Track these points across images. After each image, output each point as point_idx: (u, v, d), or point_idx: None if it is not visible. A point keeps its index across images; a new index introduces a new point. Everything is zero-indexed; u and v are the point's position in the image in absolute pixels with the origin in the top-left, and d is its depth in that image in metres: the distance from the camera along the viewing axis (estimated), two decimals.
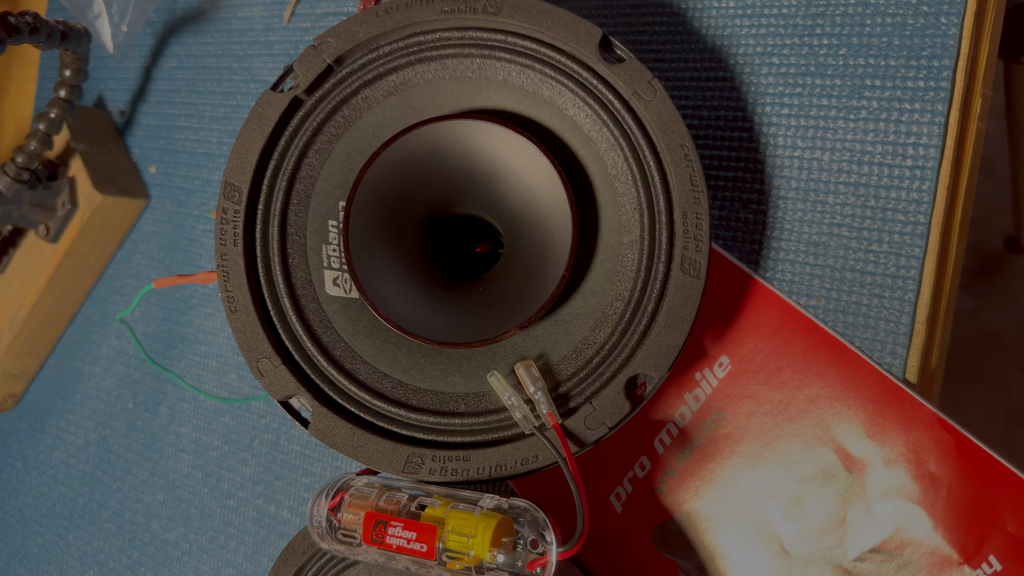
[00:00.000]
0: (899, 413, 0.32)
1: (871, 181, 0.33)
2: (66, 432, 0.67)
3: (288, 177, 0.33)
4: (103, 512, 0.64)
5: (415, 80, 0.33)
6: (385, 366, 0.33)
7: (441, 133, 0.33)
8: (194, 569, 0.57)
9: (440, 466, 0.31)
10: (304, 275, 0.33)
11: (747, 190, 0.36)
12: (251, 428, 0.54)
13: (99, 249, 0.62)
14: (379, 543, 0.30)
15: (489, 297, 0.33)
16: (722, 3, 0.37)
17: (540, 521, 0.29)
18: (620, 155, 0.32)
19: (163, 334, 0.59)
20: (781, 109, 0.35)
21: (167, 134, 0.60)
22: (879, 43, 0.33)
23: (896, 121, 0.33)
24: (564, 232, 0.32)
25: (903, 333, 0.33)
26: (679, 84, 0.38)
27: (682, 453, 0.37)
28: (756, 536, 0.35)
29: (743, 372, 0.35)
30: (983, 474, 0.31)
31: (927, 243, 0.32)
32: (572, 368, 0.32)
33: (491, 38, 0.33)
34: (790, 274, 0.35)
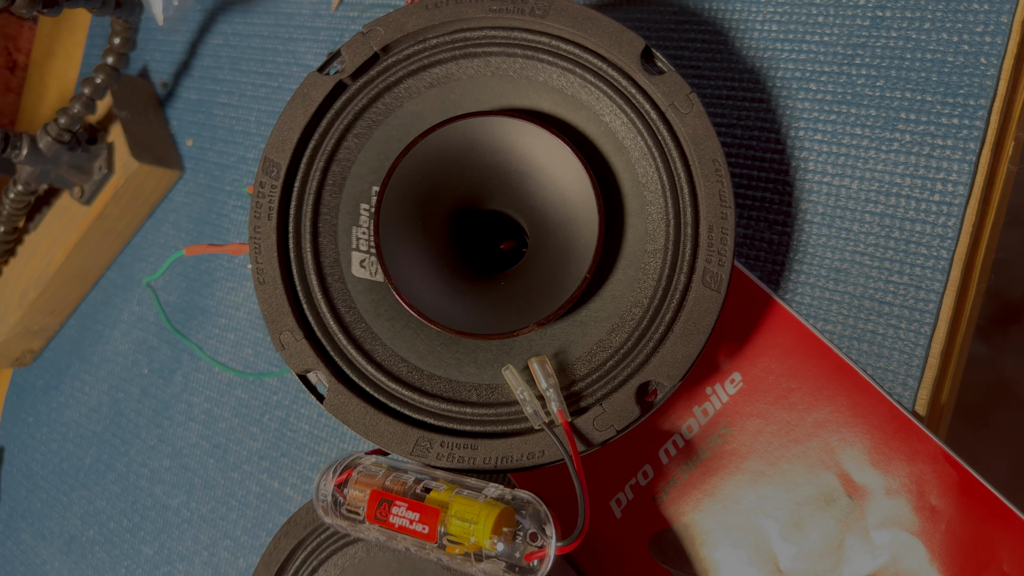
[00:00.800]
0: (905, 444, 0.32)
1: (897, 213, 0.34)
2: (80, 392, 0.68)
3: (326, 158, 0.34)
4: (109, 473, 0.65)
5: (457, 74, 0.34)
6: (403, 350, 0.34)
7: (478, 128, 0.33)
8: (192, 537, 0.58)
9: (448, 452, 0.32)
10: (332, 254, 0.34)
11: (774, 211, 0.36)
12: (262, 403, 0.55)
13: (130, 215, 0.63)
14: (382, 521, 0.31)
15: (510, 292, 0.34)
16: (765, 26, 0.37)
17: (542, 515, 0.29)
18: (652, 165, 0.33)
19: (185, 304, 0.60)
20: (814, 134, 0.36)
21: (207, 109, 0.62)
22: (917, 78, 0.34)
23: (927, 156, 0.33)
24: (590, 235, 0.32)
25: (916, 365, 0.33)
26: (715, 101, 0.38)
27: (686, 465, 0.37)
28: (752, 554, 0.35)
29: (754, 390, 0.36)
30: (984, 512, 0.31)
31: (947, 279, 0.33)
32: (585, 369, 0.33)
33: (535, 40, 0.33)
34: (809, 297, 0.35)
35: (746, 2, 0.38)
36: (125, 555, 0.62)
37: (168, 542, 0.59)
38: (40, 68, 0.78)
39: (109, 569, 0.63)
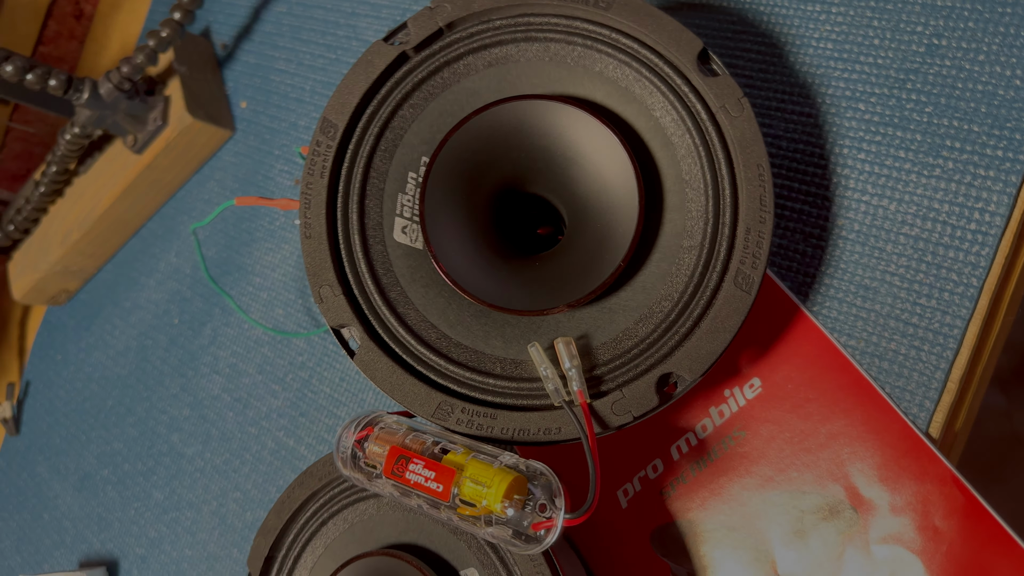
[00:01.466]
0: (915, 463, 0.33)
1: (932, 237, 0.34)
2: (109, 335, 0.70)
3: (381, 124, 0.35)
4: (128, 417, 0.66)
5: (516, 56, 0.35)
6: (434, 317, 0.35)
7: (530, 111, 0.34)
8: (204, 486, 0.59)
9: (468, 419, 0.33)
10: (377, 217, 0.35)
11: (810, 224, 0.37)
12: (287, 363, 0.56)
13: (178, 168, 0.65)
14: (399, 477, 0.32)
15: (544, 273, 0.35)
16: (820, 44, 0.38)
17: (554, 487, 0.30)
18: (697, 163, 0.33)
19: (222, 260, 0.62)
20: (858, 153, 0.36)
21: (263, 74, 0.63)
22: (966, 107, 0.34)
23: (968, 184, 0.34)
24: (628, 225, 0.33)
25: (935, 388, 0.33)
26: (765, 112, 0.39)
27: (696, 463, 0.38)
28: (752, 556, 0.35)
29: (772, 397, 0.36)
30: (987, 538, 0.31)
31: (975, 307, 0.33)
32: (609, 355, 0.33)
33: (596, 31, 0.34)
34: (836, 312, 0.36)
35: (804, 18, 0.39)
36: (136, 497, 0.64)
37: (179, 488, 0.61)
38: (105, 19, 0.80)
39: (119, 509, 0.65)
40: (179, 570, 0.59)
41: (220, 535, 0.57)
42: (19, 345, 0.80)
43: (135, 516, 0.63)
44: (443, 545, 0.35)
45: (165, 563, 0.60)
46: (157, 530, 0.61)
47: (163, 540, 0.61)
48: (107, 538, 0.65)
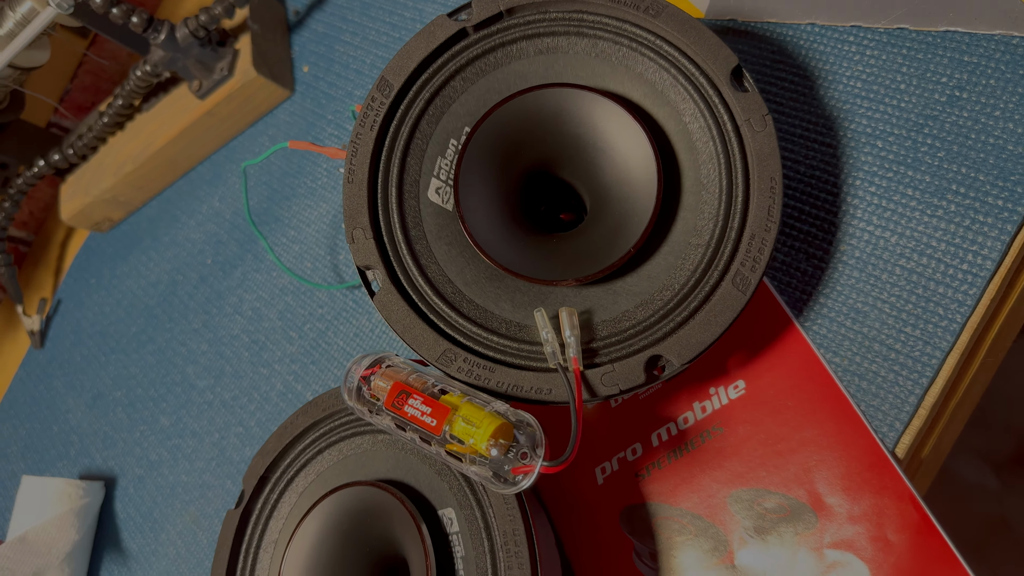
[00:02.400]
0: (877, 478, 0.35)
1: (925, 272, 0.36)
2: (144, 266, 0.74)
3: (433, 91, 0.38)
4: (149, 344, 0.70)
5: (566, 48, 0.38)
6: (452, 273, 0.37)
7: (570, 99, 0.37)
8: (209, 418, 0.62)
9: (468, 368, 0.35)
10: (415, 175, 0.38)
11: (815, 246, 0.39)
12: (307, 313, 0.59)
13: (235, 119, 0.68)
14: (398, 410, 0.34)
15: (559, 250, 0.38)
16: (850, 81, 0.41)
17: (537, 437, 0.33)
18: (716, 169, 0.36)
19: (262, 210, 0.65)
20: (869, 186, 0.39)
21: (329, 43, 0.67)
22: (975, 157, 0.36)
23: (966, 228, 0.36)
24: (643, 217, 0.36)
25: (907, 412, 0.35)
26: (788, 136, 0.41)
27: (673, 452, 0.40)
28: (712, 544, 0.38)
29: (753, 399, 0.39)
30: (934, 557, 0.33)
31: (955, 341, 0.35)
32: (607, 332, 0.36)
33: (643, 35, 0.37)
34: (825, 329, 0.38)
35: (839, 56, 0.41)
36: (143, 420, 0.67)
37: (185, 417, 0.64)
38: None
39: (126, 429, 0.68)
40: (173, 493, 0.62)
41: (217, 466, 0.60)
42: (57, 265, 0.84)
43: (139, 438, 0.66)
44: (426, 485, 0.38)
45: (160, 486, 0.63)
46: (158, 454, 0.64)
47: (162, 463, 0.64)
48: (109, 456, 0.68)
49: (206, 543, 0.58)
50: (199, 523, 0.59)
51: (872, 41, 0.41)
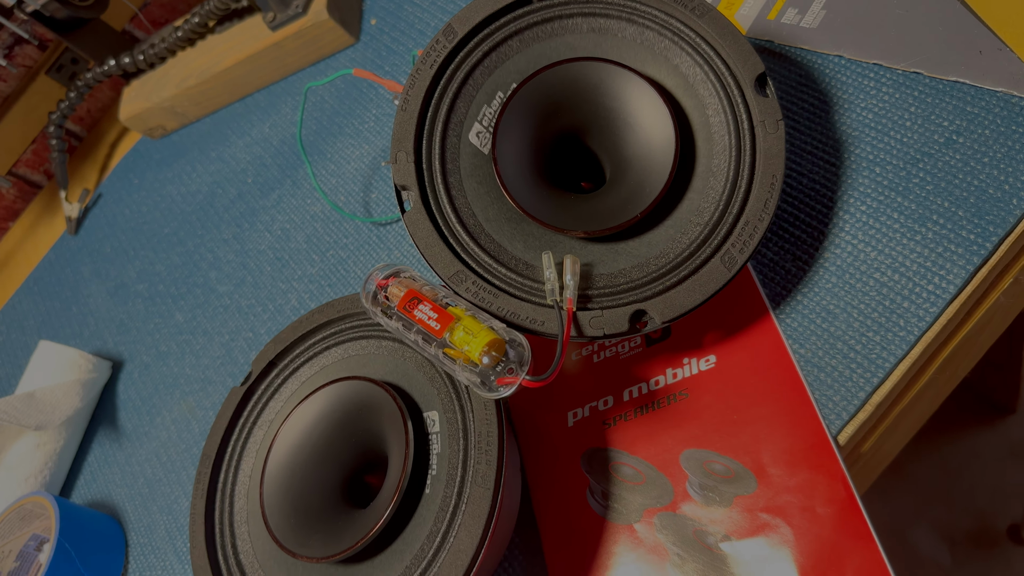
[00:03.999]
0: (816, 458, 0.39)
1: (895, 287, 0.40)
2: (187, 175, 0.78)
3: (491, 45, 0.43)
4: (178, 246, 0.74)
5: (615, 30, 0.43)
6: (477, 208, 0.42)
7: (610, 74, 0.41)
8: (222, 320, 0.66)
9: (475, 290, 0.39)
10: (460, 116, 0.43)
11: (801, 249, 0.43)
12: (332, 241, 0.63)
13: (300, 55, 0.73)
14: (408, 312, 0.39)
15: (575, 207, 0.42)
16: (863, 112, 0.45)
17: (525, 356, 0.37)
18: (727, 160, 0.40)
19: (307, 141, 0.70)
20: (860, 204, 0.43)
21: (399, 3, 0.71)
22: (959, 194, 0.41)
23: (939, 254, 0.40)
24: (654, 190, 0.40)
25: (854, 405, 0.39)
26: (797, 150, 0.46)
27: (641, 408, 0.44)
28: (659, 492, 0.42)
29: (720, 373, 0.43)
30: (852, 532, 0.37)
31: (909, 351, 0.39)
32: (602, 284, 0.40)
33: (685, 31, 0.41)
34: (796, 323, 0.42)
35: (857, 89, 0.45)
36: (159, 314, 0.71)
37: (200, 317, 0.68)
38: None
39: (141, 320, 0.72)
40: (175, 383, 0.66)
41: (221, 365, 0.64)
42: (104, 162, 0.89)
43: (152, 329, 0.71)
44: (417, 389, 0.42)
45: (165, 375, 0.67)
46: (168, 346, 0.69)
47: (170, 355, 0.68)
48: (121, 341, 0.73)
49: (198, 432, 0.63)
50: (194, 413, 0.64)
51: (889, 80, 0.45)
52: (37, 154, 0.91)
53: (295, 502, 0.42)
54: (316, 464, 0.43)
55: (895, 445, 0.45)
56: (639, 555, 0.41)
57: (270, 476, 0.42)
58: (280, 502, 0.42)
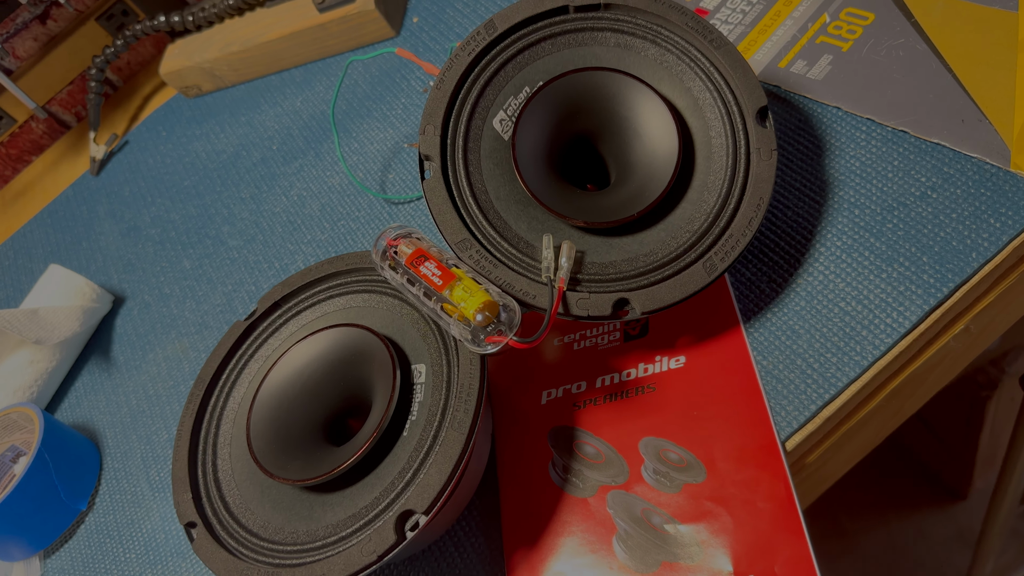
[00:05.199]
0: (764, 458, 0.42)
1: (856, 316, 0.44)
2: (214, 135, 0.82)
3: (525, 44, 0.47)
4: (196, 199, 0.77)
5: (638, 48, 0.47)
6: (490, 187, 0.45)
7: (627, 86, 0.46)
8: (228, 272, 0.69)
9: (477, 258, 0.43)
10: (488, 103, 0.47)
11: (777, 273, 0.47)
12: (345, 212, 0.67)
13: (342, 39, 0.77)
14: (414, 268, 0.42)
15: (579, 199, 0.46)
16: (851, 159, 0.49)
17: (516, 320, 0.40)
18: (722, 179, 0.44)
19: (338, 117, 0.73)
20: (836, 240, 0.47)
21: (442, 5, 0.76)
22: (925, 243, 0.45)
23: (900, 292, 0.44)
24: (652, 195, 0.44)
25: (804, 416, 0.43)
26: (786, 185, 0.50)
27: (610, 396, 0.47)
28: (616, 471, 0.45)
29: (687, 373, 0.46)
30: (786, 528, 0.41)
31: (860, 375, 0.43)
32: (593, 272, 0.44)
33: (701, 60, 0.46)
34: (763, 337, 0.46)
35: (849, 138, 0.50)
36: (167, 259, 0.74)
37: (206, 266, 0.71)
38: None
39: (148, 262, 0.75)
40: (172, 324, 0.69)
41: (221, 312, 0.67)
42: (135, 112, 0.93)
43: (158, 272, 0.74)
44: (409, 343, 0.45)
45: (163, 315, 0.70)
46: (171, 288, 0.72)
47: (172, 297, 0.71)
48: (125, 279, 0.75)
49: (188, 372, 0.65)
50: (187, 354, 0.66)
51: (878, 134, 0.49)
52: (72, 95, 0.95)
53: (279, 431, 0.45)
54: (304, 400, 0.46)
55: (837, 467, 0.49)
56: (589, 526, 0.44)
57: (259, 404, 0.45)
58: (264, 429, 0.45)
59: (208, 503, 0.44)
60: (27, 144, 0.96)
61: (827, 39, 0.54)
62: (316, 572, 0.39)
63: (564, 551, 0.44)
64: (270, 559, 0.41)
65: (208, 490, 0.45)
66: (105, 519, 0.61)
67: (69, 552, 0.61)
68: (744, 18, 0.59)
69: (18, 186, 0.96)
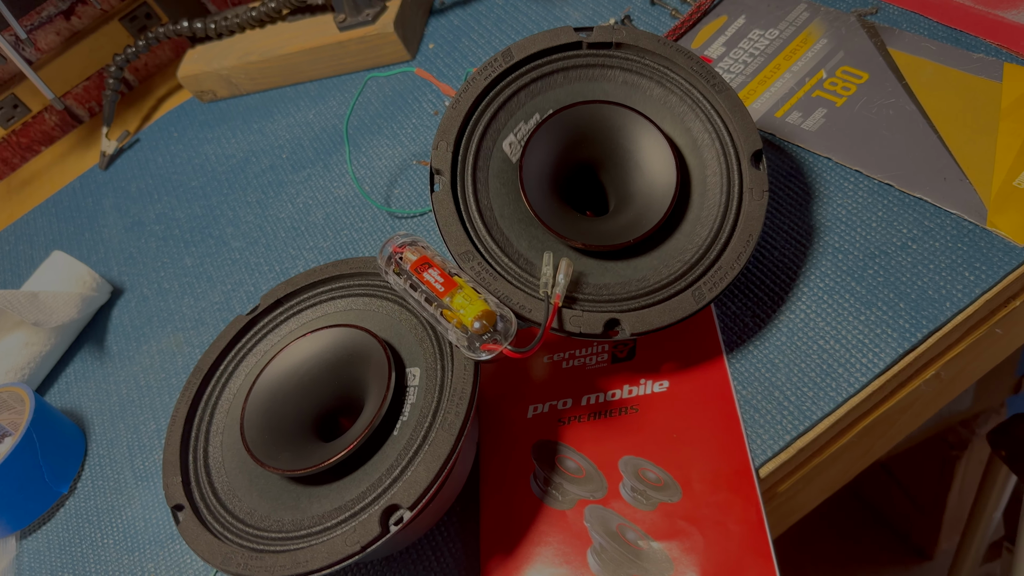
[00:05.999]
0: (737, 483, 0.44)
1: (835, 354, 0.46)
2: (225, 139, 0.84)
3: (539, 74, 0.49)
4: (202, 200, 0.79)
5: (645, 87, 0.49)
6: (495, 205, 0.48)
7: (633, 122, 0.48)
8: (228, 272, 0.71)
9: (478, 270, 0.45)
10: (499, 125, 0.49)
11: (761, 308, 0.50)
12: (348, 223, 0.69)
13: (358, 58, 0.80)
14: (418, 274, 0.44)
15: (579, 223, 0.48)
16: (837, 207, 0.52)
17: (511, 330, 0.42)
18: (715, 215, 0.47)
19: (351, 131, 0.76)
20: (820, 281, 0.49)
21: (457, 35, 0.79)
22: (904, 290, 0.47)
23: (876, 334, 0.46)
24: (648, 225, 0.46)
25: (778, 446, 0.45)
26: (775, 226, 0.52)
27: (595, 414, 0.49)
28: (595, 487, 0.46)
29: (670, 397, 0.48)
30: (754, 551, 0.42)
31: (833, 411, 0.45)
32: (588, 291, 0.46)
33: (703, 102, 0.48)
34: (744, 368, 0.48)
35: (837, 188, 0.52)
36: (169, 255, 0.76)
37: (208, 264, 0.73)
38: None
39: (150, 257, 0.77)
40: (169, 319, 0.71)
41: (218, 310, 0.69)
42: (149, 112, 0.95)
43: (159, 267, 0.75)
44: (405, 347, 0.47)
45: (161, 309, 0.72)
46: (170, 284, 0.73)
47: (170, 292, 0.72)
48: (126, 271, 0.77)
49: (181, 366, 0.66)
50: (181, 348, 0.68)
51: (866, 185, 0.52)
52: (87, 91, 0.97)
53: (271, 423, 0.46)
54: (299, 395, 0.47)
55: (808, 499, 0.50)
56: (565, 538, 0.45)
57: (255, 396, 0.47)
58: (258, 420, 0.46)
59: (196, 487, 0.45)
60: (38, 134, 0.97)
61: (822, 94, 0.58)
62: (299, 559, 0.40)
63: (539, 560, 0.45)
64: (254, 544, 0.42)
65: (197, 475, 0.46)
66: (86, 504, 0.61)
67: (46, 534, 0.61)
68: (746, 68, 0.62)
69: (25, 174, 0.98)
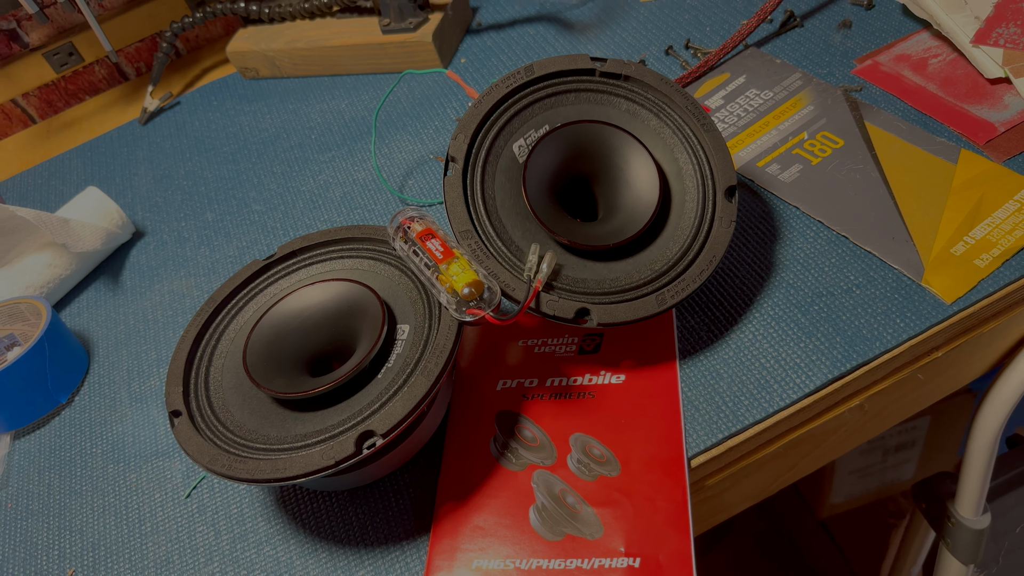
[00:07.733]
0: (670, 466, 0.50)
1: (773, 372, 0.53)
2: (261, 113, 0.91)
3: (554, 91, 0.56)
4: (231, 163, 0.86)
5: (643, 117, 0.56)
6: (498, 196, 0.54)
7: (629, 145, 0.55)
8: (246, 230, 0.77)
9: (475, 247, 0.51)
10: (512, 130, 0.56)
11: (717, 326, 0.56)
12: (363, 204, 0.75)
13: (395, 60, 0.87)
14: (422, 241, 0.50)
15: (568, 224, 0.54)
16: (796, 250, 0.58)
17: (495, 300, 0.48)
18: (688, 235, 0.53)
19: (379, 123, 0.83)
20: (770, 310, 0.56)
21: (489, 54, 0.86)
22: (841, 326, 0.53)
23: (811, 361, 0.52)
24: (628, 234, 0.53)
25: (711, 442, 0.51)
26: (739, 259, 0.59)
27: (555, 395, 0.55)
28: (546, 454, 0.52)
29: (624, 389, 0.54)
30: (676, 527, 0.48)
31: (765, 419, 0.51)
32: (566, 283, 0.52)
33: (692, 138, 0.55)
34: (692, 373, 0.54)
35: (799, 233, 0.59)
36: (192, 208, 0.82)
37: (227, 221, 0.79)
38: None
39: (174, 208, 0.83)
40: (184, 264, 0.76)
41: (231, 262, 0.75)
42: (193, 80, 1.02)
43: (182, 217, 0.81)
44: (399, 306, 0.53)
45: (177, 255, 0.78)
46: (189, 233, 0.79)
47: (189, 241, 0.78)
48: (149, 218, 0.83)
49: (188, 306, 0.72)
50: (191, 292, 0.73)
51: (824, 235, 0.59)
52: (139, 51, 1.03)
53: (270, 353, 0.52)
54: (299, 335, 0.53)
55: (733, 500, 0.56)
56: (512, 495, 0.51)
57: (260, 329, 0.53)
58: (259, 349, 0.52)
59: (195, 398, 0.51)
60: (85, 83, 1.04)
61: (802, 152, 0.65)
62: (278, 466, 0.45)
63: (487, 510, 0.51)
64: (239, 452, 0.48)
65: (197, 388, 0.52)
66: (80, 416, 0.67)
67: (39, 438, 0.66)
68: (739, 120, 0.69)
69: (66, 118, 1.04)
